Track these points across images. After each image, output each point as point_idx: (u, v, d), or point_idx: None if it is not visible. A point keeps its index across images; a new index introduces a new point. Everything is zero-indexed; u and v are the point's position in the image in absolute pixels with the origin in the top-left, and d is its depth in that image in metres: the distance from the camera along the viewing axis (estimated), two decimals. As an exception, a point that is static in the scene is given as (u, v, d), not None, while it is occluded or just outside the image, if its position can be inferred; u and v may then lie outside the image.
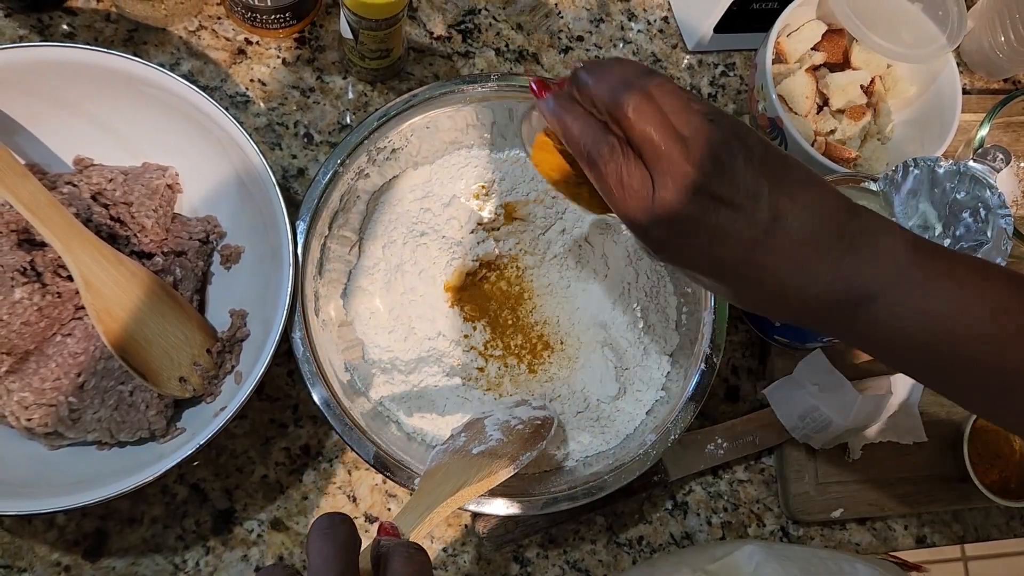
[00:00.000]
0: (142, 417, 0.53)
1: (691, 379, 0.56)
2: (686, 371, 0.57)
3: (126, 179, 0.56)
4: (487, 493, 0.50)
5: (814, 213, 0.38)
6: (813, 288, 0.38)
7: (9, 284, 0.51)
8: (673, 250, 0.40)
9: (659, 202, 0.38)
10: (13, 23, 0.62)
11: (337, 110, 0.65)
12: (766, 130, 0.64)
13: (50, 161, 0.57)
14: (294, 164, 0.64)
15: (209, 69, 0.64)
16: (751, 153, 0.38)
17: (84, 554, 0.55)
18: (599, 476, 0.54)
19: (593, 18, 0.72)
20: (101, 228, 0.55)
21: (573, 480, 0.54)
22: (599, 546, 0.61)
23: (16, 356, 0.52)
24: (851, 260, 0.38)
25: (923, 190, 0.54)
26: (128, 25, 0.63)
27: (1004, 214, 0.52)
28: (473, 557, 0.59)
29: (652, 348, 0.60)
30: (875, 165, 0.66)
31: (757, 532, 0.64)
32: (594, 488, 0.53)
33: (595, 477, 0.54)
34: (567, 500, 0.53)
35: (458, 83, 0.58)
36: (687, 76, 0.73)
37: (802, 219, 0.38)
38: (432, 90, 0.58)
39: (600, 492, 0.53)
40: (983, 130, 0.67)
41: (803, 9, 0.66)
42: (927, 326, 0.38)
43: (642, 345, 0.60)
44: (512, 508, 0.53)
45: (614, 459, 0.56)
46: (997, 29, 0.75)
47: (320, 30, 0.66)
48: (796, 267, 0.38)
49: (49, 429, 0.52)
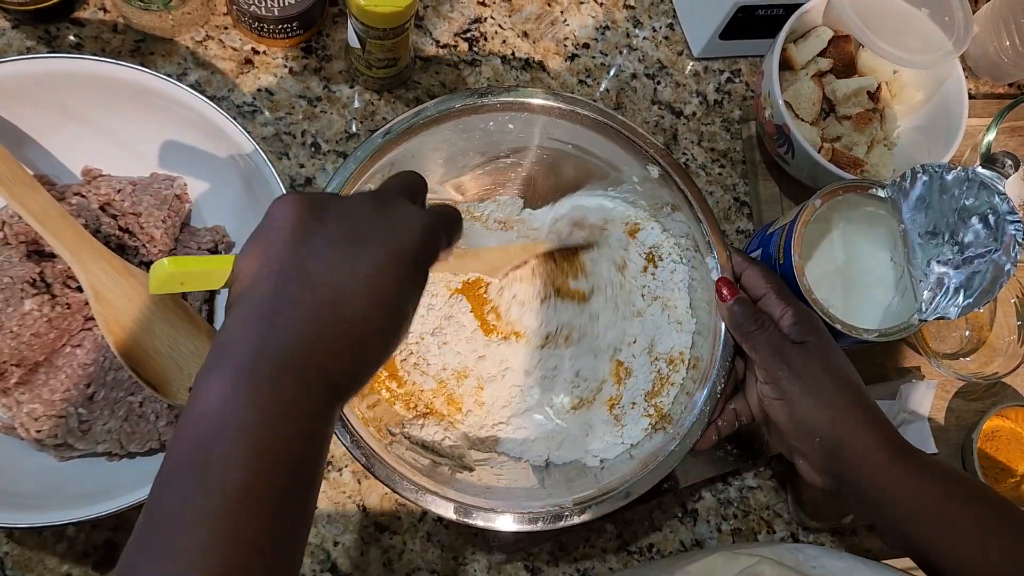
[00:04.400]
0: (152, 428, 0.53)
1: (704, 389, 0.56)
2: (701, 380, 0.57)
3: (134, 190, 0.56)
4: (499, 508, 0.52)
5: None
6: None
7: (19, 296, 0.51)
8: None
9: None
10: (20, 34, 0.62)
11: (344, 119, 0.65)
12: (772, 137, 0.65)
13: (59, 172, 0.57)
14: (302, 173, 0.64)
15: (216, 79, 0.64)
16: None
17: (94, 566, 0.55)
18: (617, 485, 0.54)
19: (599, 25, 0.72)
20: (110, 239, 0.55)
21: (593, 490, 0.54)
22: (609, 554, 0.61)
23: (26, 367, 0.52)
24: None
25: (931, 197, 0.54)
26: (135, 36, 0.63)
27: (1013, 220, 0.52)
28: (484, 565, 0.59)
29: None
30: (882, 171, 0.66)
31: (767, 539, 0.64)
32: (616, 496, 0.53)
33: (615, 484, 0.54)
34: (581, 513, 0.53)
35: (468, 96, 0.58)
36: (693, 83, 0.73)
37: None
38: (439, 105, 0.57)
39: (622, 501, 0.53)
40: (990, 135, 0.67)
41: (809, 15, 0.66)
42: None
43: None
44: (524, 524, 0.52)
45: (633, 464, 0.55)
46: (1002, 34, 0.75)
47: (327, 39, 0.66)
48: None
49: (59, 440, 0.52)
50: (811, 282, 0.55)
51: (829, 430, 0.50)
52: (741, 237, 0.70)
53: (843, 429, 0.50)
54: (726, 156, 0.72)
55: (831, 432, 0.50)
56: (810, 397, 0.51)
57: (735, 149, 0.72)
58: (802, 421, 0.51)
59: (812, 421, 0.51)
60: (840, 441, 0.50)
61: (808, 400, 0.51)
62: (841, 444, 0.50)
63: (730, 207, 0.71)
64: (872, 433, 0.50)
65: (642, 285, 0.62)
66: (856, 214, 0.59)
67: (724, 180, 0.71)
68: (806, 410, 0.51)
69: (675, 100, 0.72)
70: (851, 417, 0.50)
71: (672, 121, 0.72)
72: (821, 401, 0.50)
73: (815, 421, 0.50)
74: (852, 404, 0.51)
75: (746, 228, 0.71)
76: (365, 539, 0.58)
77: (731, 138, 0.72)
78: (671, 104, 0.72)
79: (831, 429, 0.50)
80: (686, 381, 0.59)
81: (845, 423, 0.50)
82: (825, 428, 0.50)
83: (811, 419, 0.51)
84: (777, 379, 0.52)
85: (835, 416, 0.50)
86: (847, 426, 0.50)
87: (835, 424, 0.50)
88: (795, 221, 0.56)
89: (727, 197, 0.71)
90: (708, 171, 0.71)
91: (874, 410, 0.52)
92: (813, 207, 0.56)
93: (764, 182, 0.70)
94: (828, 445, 0.50)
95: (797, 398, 0.51)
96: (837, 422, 0.50)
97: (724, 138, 0.72)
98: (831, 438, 0.50)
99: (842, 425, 0.50)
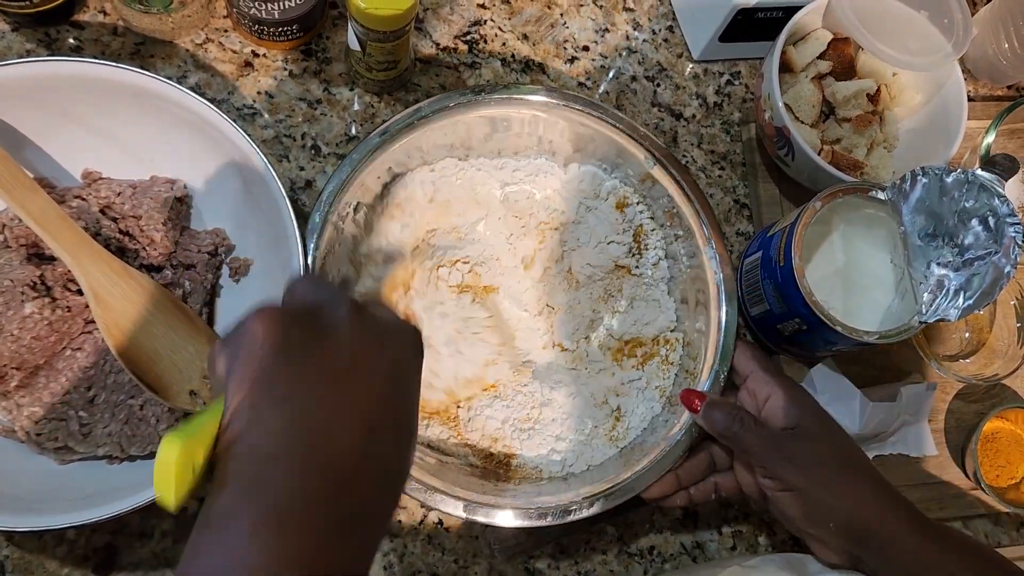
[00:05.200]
0: (153, 431, 0.53)
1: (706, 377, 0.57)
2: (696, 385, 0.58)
3: (134, 192, 0.56)
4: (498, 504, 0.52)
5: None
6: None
7: (19, 299, 0.51)
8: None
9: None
10: (20, 37, 0.62)
11: (344, 122, 0.65)
12: (772, 139, 0.65)
13: (59, 175, 0.57)
14: (302, 176, 0.64)
15: (216, 82, 0.64)
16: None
17: (94, 569, 0.55)
18: (616, 484, 0.54)
19: (598, 28, 0.73)
20: (110, 242, 0.55)
21: (588, 490, 0.54)
22: (610, 556, 0.61)
23: (26, 371, 0.52)
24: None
25: (931, 199, 0.54)
26: (135, 38, 0.63)
27: (1013, 222, 0.52)
28: (484, 568, 0.59)
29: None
30: (881, 173, 0.66)
31: (768, 542, 0.64)
32: (613, 495, 0.54)
33: (612, 485, 0.54)
34: (581, 509, 0.53)
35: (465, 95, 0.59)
36: (692, 85, 0.73)
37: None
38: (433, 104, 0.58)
39: (620, 498, 0.53)
40: (989, 137, 0.67)
41: (809, 18, 0.66)
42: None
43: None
44: (527, 520, 0.53)
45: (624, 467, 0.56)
46: (1001, 36, 0.75)
47: (327, 42, 0.66)
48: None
49: (59, 443, 0.52)
50: (811, 284, 0.55)
51: (848, 518, 0.50)
52: (741, 239, 0.70)
53: (864, 516, 0.49)
54: (726, 158, 0.72)
55: (851, 520, 0.50)
56: (821, 488, 0.50)
57: (735, 151, 0.72)
58: (815, 512, 0.50)
59: (827, 511, 0.50)
60: (863, 528, 0.49)
61: (820, 491, 0.50)
62: (865, 530, 0.49)
63: (730, 209, 0.71)
64: (894, 514, 0.49)
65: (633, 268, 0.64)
66: (856, 216, 0.59)
67: (724, 182, 0.71)
68: (819, 501, 0.50)
69: (675, 102, 0.72)
70: (871, 503, 0.50)
71: (672, 123, 0.72)
72: (833, 491, 0.50)
73: (830, 511, 0.50)
74: (867, 488, 0.50)
75: (746, 230, 0.71)
76: (365, 542, 0.58)
77: (731, 140, 0.72)
78: (671, 106, 0.72)
79: (851, 517, 0.50)
80: (684, 360, 0.61)
81: (865, 510, 0.50)
82: (843, 516, 0.50)
83: (826, 509, 0.50)
84: (779, 474, 0.51)
85: (853, 505, 0.50)
86: (868, 512, 0.49)
87: (854, 512, 0.50)
88: (795, 223, 0.56)
89: (727, 199, 0.71)
90: (708, 173, 0.71)
91: (887, 488, 0.51)
92: (813, 209, 0.56)
93: (764, 184, 0.70)
94: (845, 528, 0.50)
95: (807, 490, 0.50)
96: (856, 510, 0.49)
97: (724, 140, 0.72)
98: (848, 521, 0.50)
99: (863, 512, 0.49)
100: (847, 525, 0.50)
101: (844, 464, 0.51)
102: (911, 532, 0.49)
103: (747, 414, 0.53)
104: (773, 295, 0.59)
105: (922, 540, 0.49)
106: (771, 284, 0.59)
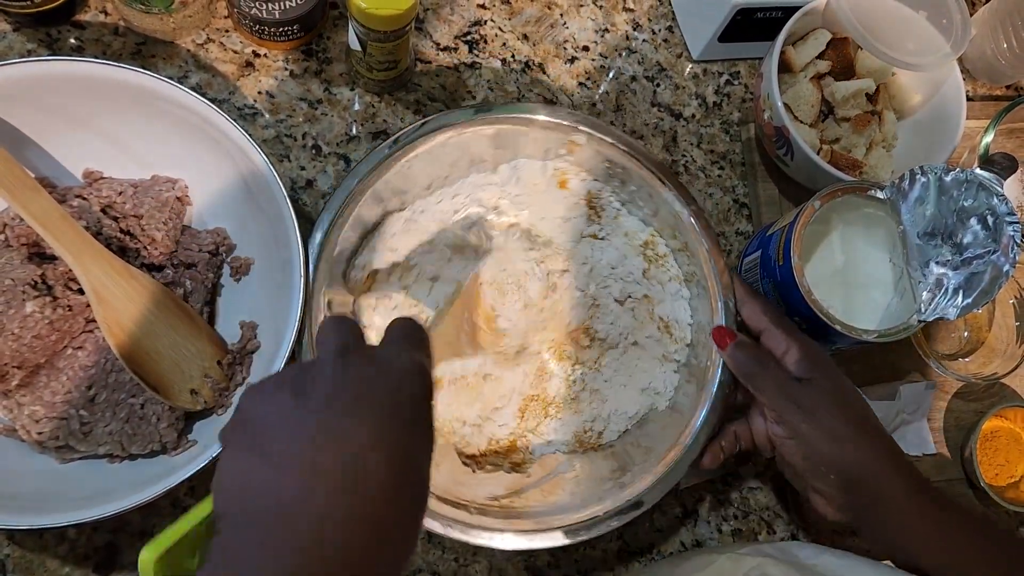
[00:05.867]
0: (153, 430, 0.53)
1: (708, 395, 0.56)
2: (699, 387, 0.58)
3: (136, 192, 0.56)
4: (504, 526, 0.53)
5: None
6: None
7: (20, 298, 0.51)
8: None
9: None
10: (21, 37, 0.62)
11: (345, 121, 0.65)
12: (772, 139, 0.65)
13: (60, 174, 0.57)
14: (302, 176, 0.64)
15: (217, 82, 0.64)
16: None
17: (95, 568, 0.55)
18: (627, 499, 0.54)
19: (598, 28, 0.73)
20: (111, 241, 0.55)
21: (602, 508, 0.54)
22: (610, 554, 0.61)
23: (27, 369, 0.52)
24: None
25: (930, 198, 0.54)
26: (136, 38, 0.64)
27: (1012, 221, 0.52)
28: (485, 567, 0.59)
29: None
30: (880, 173, 0.67)
31: (767, 539, 0.64)
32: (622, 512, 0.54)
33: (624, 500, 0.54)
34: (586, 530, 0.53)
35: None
36: (692, 85, 0.73)
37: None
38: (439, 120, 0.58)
39: (628, 515, 0.54)
40: (987, 137, 0.67)
41: (808, 18, 0.66)
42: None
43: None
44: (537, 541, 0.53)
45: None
46: (999, 36, 0.75)
47: (327, 42, 0.67)
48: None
49: (60, 442, 0.52)
50: (810, 283, 0.55)
51: (846, 466, 0.50)
52: (740, 239, 0.70)
53: (862, 464, 0.50)
54: (725, 158, 0.72)
55: (849, 468, 0.50)
56: (823, 435, 0.50)
57: (734, 151, 0.72)
58: (817, 459, 0.51)
59: (827, 458, 0.50)
60: (860, 476, 0.49)
61: (822, 438, 0.50)
62: (861, 479, 0.49)
63: (729, 209, 0.71)
64: (895, 474, 0.49)
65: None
66: (855, 215, 0.59)
67: (723, 182, 0.71)
68: (820, 448, 0.50)
69: (674, 102, 0.72)
70: (869, 451, 0.50)
71: (671, 123, 0.72)
72: (835, 438, 0.50)
73: (831, 458, 0.50)
74: (868, 438, 0.50)
75: (745, 230, 0.71)
76: (366, 541, 0.59)
77: (730, 140, 0.72)
78: (670, 106, 0.72)
79: (848, 465, 0.50)
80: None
81: (863, 458, 0.50)
82: (842, 464, 0.50)
83: (826, 456, 0.50)
84: (787, 419, 0.51)
85: (851, 452, 0.50)
86: (865, 461, 0.50)
87: (852, 459, 0.50)
88: (794, 222, 0.57)
89: (726, 199, 0.71)
90: (707, 173, 0.71)
91: (889, 441, 0.51)
92: (812, 208, 0.56)
93: (763, 184, 0.71)
94: (846, 481, 0.50)
95: (810, 437, 0.50)
96: (854, 457, 0.50)
97: (723, 140, 0.72)
98: (848, 474, 0.50)
99: (860, 460, 0.50)
100: (847, 477, 0.50)
101: (848, 413, 0.51)
102: (910, 494, 0.49)
103: (771, 357, 0.53)
104: (772, 294, 0.59)
105: (921, 505, 0.49)
106: (770, 283, 0.59)
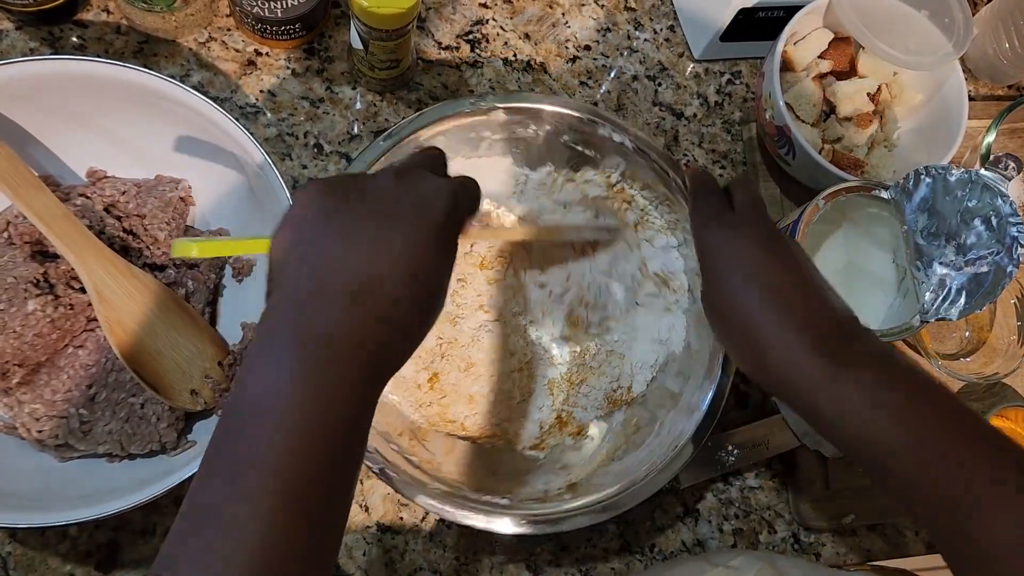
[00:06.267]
0: (153, 430, 0.53)
1: (706, 393, 0.56)
2: (699, 385, 0.58)
3: (139, 192, 0.56)
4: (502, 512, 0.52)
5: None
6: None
7: (22, 296, 0.51)
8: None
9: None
10: (24, 36, 0.62)
11: (347, 120, 0.65)
12: (773, 138, 0.65)
13: (63, 173, 0.57)
14: (304, 174, 0.64)
15: (219, 80, 0.64)
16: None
17: (97, 566, 0.55)
18: (616, 493, 0.54)
19: (600, 27, 0.73)
20: (114, 240, 0.55)
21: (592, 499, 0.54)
22: (611, 553, 0.61)
23: (28, 368, 0.52)
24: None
25: (935, 198, 0.54)
26: (138, 37, 0.63)
27: (1016, 222, 0.52)
28: (486, 565, 0.59)
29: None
30: (882, 172, 0.67)
31: (768, 539, 0.64)
32: (610, 507, 0.53)
33: (611, 495, 0.54)
34: (583, 516, 0.53)
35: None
36: (693, 84, 0.73)
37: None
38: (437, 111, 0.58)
39: (617, 510, 0.53)
40: (989, 136, 0.67)
41: (810, 17, 0.66)
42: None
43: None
44: (525, 527, 0.53)
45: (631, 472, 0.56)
46: (1001, 35, 0.75)
47: (329, 41, 0.67)
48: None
49: (60, 441, 0.52)
50: (813, 283, 0.55)
51: (739, 328, 0.40)
52: (742, 238, 0.70)
53: (757, 328, 0.39)
54: (727, 157, 0.72)
55: (742, 331, 0.40)
56: (717, 275, 0.41)
57: (736, 151, 0.72)
58: (712, 311, 0.42)
59: (721, 310, 0.41)
60: (763, 345, 0.39)
61: (717, 279, 0.41)
62: (766, 348, 0.39)
63: (731, 208, 0.71)
64: (796, 330, 0.39)
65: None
66: (859, 215, 0.59)
67: (725, 182, 0.71)
68: (715, 293, 0.41)
69: (676, 102, 0.72)
70: (766, 308, 0.39)
71: (673, 123, 0.72)
72: (729, 283, 0.40)
73: (722, 309, 0.41)
74: (767, 286, 0.40)
75: (747, 229, 0.71)
76: (367, 539, 0.59)
77: (732, 140, 0.72)
78: (672, 106, 0.72)
79: (741, 328, 0.40)
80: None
81: (757, 318, 0.39)
82: (734, 321, 0.40)
83: (718, 305, 0.41)
84: (698, 251, 0.43)
85: (741, 307, 0.39)
86: (761, 323, 0.39)
87: (744, 320, 0.39)
88: (798, 222, 0.56)
89: (728, 198, 0.71)
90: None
91: (802, 290, 0.40)
92: (816, 207, 0.56)
93: (765, 183, 0.71)
94: (746, 349, 0.40)
95: (709, 278, 0.42)
96: (745, 316, 0.39)
97: (725, 140, 0.72)
98: (746, 339, 0.40)
99: (755, 323, 0.39)
100: (741, 337, 0.40)
101: (754, 251, 0.40)
102: (814, 355, 0.38)
103: (717, 190, 0.45)
104: (774, 294, 0.59)
105: (831, 367, 0.38)
106: (772, 283, 0.59)
